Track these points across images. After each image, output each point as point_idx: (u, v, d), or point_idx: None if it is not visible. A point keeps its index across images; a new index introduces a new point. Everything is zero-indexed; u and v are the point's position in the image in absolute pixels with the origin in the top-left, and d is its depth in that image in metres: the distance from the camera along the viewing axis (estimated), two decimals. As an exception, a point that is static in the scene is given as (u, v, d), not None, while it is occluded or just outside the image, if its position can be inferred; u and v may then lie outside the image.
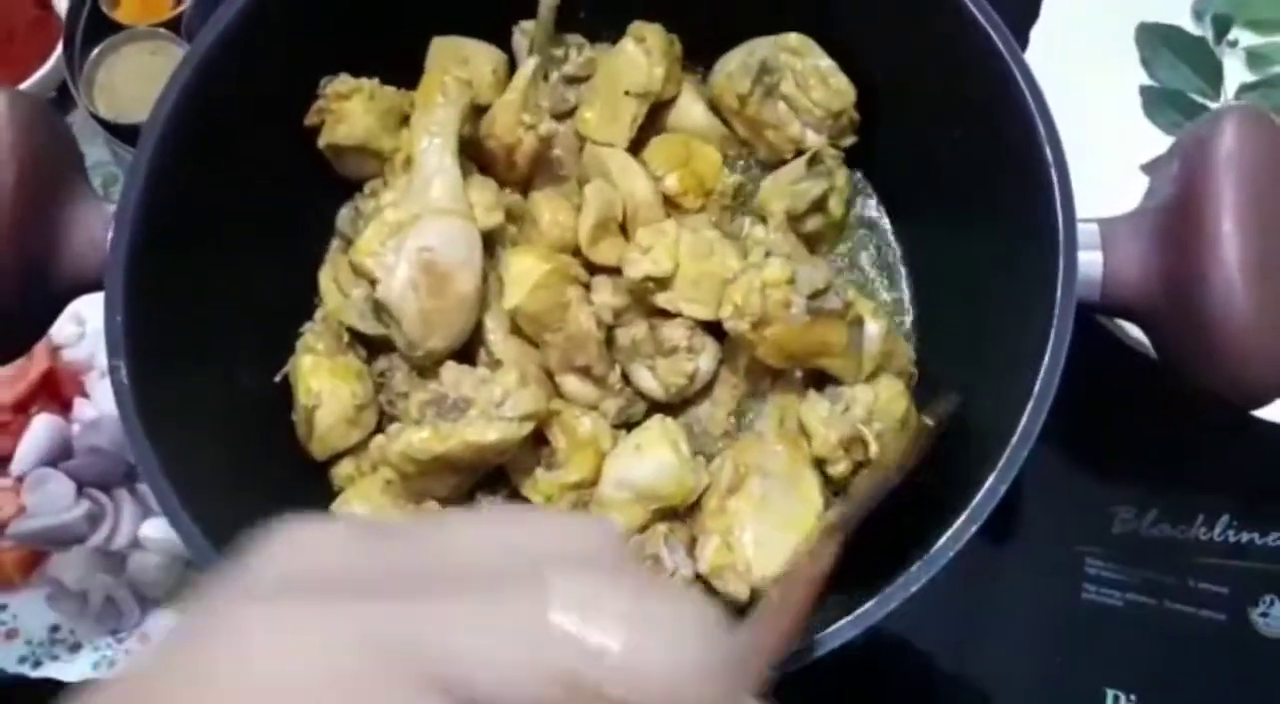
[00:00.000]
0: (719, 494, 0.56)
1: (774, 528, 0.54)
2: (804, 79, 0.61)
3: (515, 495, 0.59)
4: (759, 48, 0.62)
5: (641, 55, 0.62)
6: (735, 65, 0.63)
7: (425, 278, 0.56)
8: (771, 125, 0.63)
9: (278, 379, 0.60)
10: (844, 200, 0.64)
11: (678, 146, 0.64)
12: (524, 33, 0.66)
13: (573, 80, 0.65)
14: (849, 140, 0.63)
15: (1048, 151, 0.50)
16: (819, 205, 0.62)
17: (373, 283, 0.56)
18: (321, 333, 0.60)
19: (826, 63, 0.61)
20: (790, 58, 0.61)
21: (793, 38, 0.61)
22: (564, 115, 0.65)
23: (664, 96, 0.64)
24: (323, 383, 0.58)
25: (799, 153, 0.62)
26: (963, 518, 0.46)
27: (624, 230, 0.62)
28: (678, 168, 0.62)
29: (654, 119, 0.65)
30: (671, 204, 0.62)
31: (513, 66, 0.66)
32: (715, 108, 0.65)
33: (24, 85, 0.87)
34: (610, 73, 0.63)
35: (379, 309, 0.58)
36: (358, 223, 0.62)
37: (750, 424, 0.62)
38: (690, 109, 0.66)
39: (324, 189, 0.65)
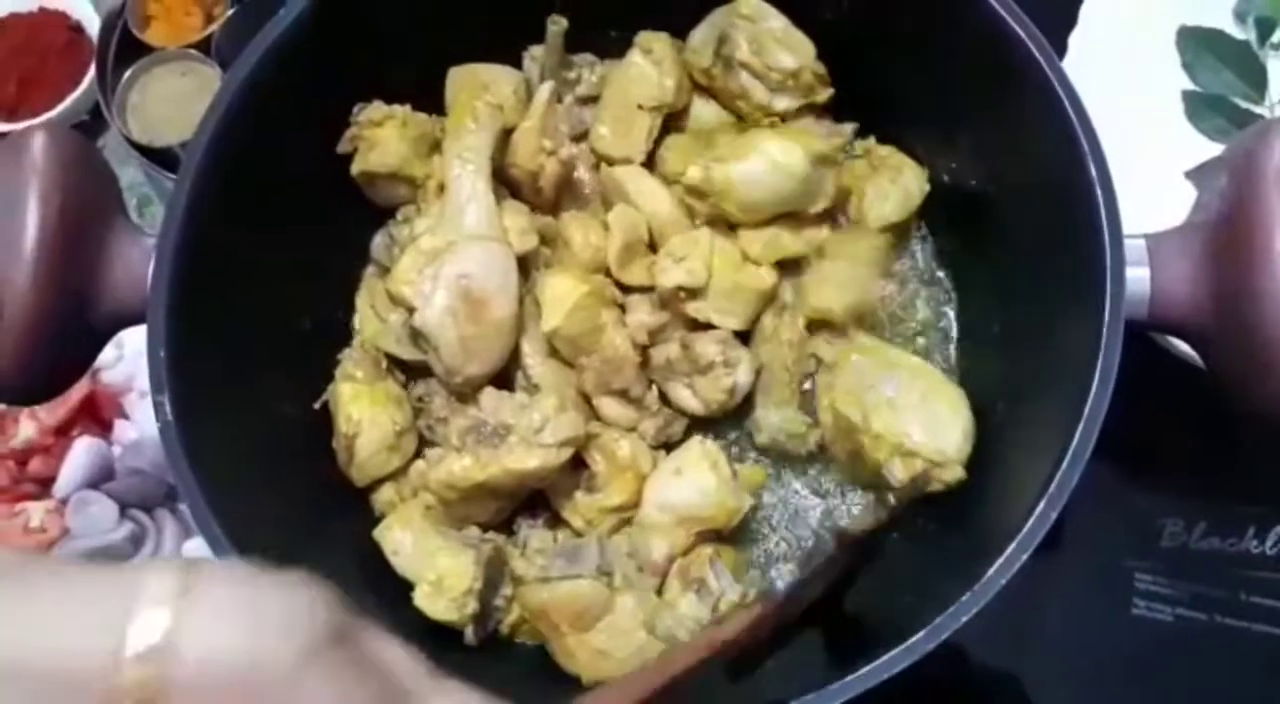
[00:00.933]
0: None
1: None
2: (757, 43, 0.60)
3: (556, 519, 0.59)
4: (717, 18, 0.62)
5: (651, 67, 0.62)
6: (698, 40, 0.63)
7: (463, 304, 0.56)
8: (739, 95, 0.62)
9: (317, 406, 0.60)
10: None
11: (691, 141, 0.64)
12: (534, 59, 0.66)
13: (588, 101, 0.65)
14: (823, 96, 0.62)
15: (1092, 167, 0.49)
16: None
17: (410, 311, 0.56)
18: (360, 360, 0.60)
19: (779, 23, 0.60)
20: (744, 23, 0.61)
21: (744, 3, 0.61)
22: (582, 136, 0.65)
23: (676, 106, 0.64)
24: (363, 411, 0.58)
25: (778, 120, 0.62)
26: (1014, 545, 0.45)
27: (652, 249, 0.62)
28: (695, 159, 0.61)
29: (667, 126, 0.65)
30: (696, 195, 0.60)
31: (530, 88, 0.66)
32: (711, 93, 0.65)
33: (57, 108, 0.88)
34: (621, 87, 0.63)
35: (416, 335, 0.58)
36: (392, 250, 0.62)
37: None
38: (702, 111, 0.65)
39: (359, 217, 0.65)
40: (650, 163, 0.64)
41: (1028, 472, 0.48)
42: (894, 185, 0.62)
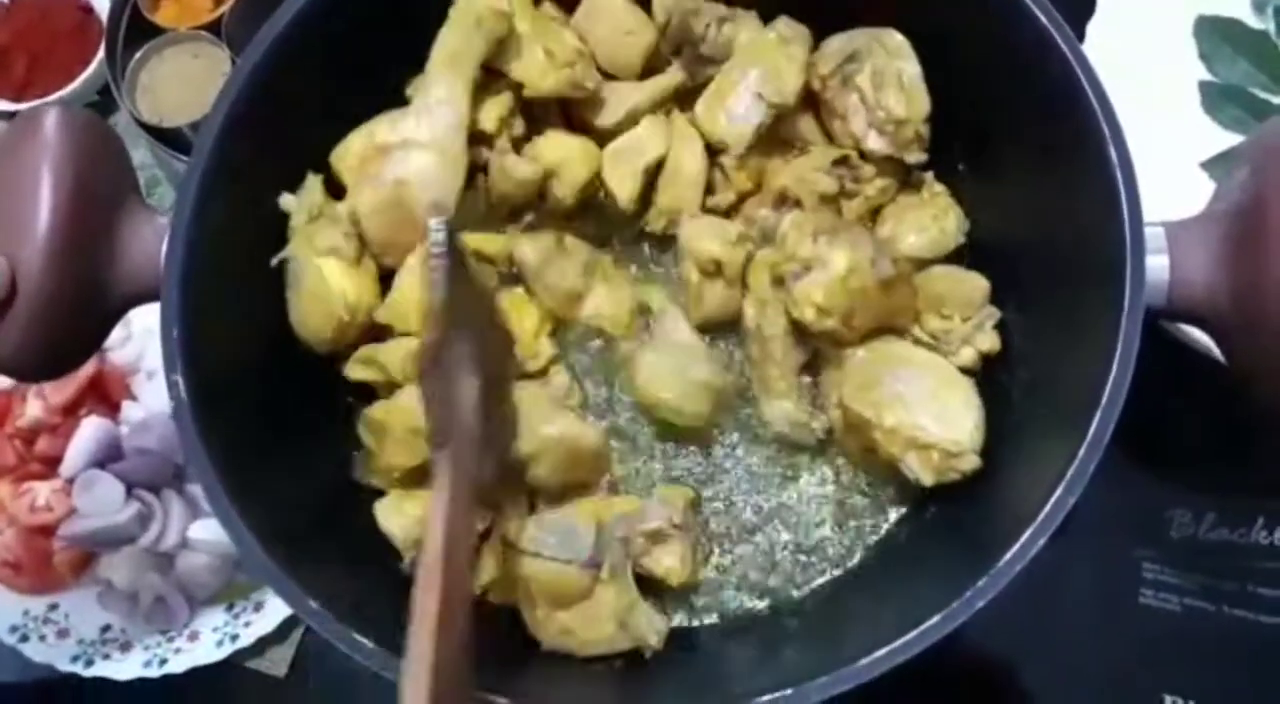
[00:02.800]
0: None
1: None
2: (881, 77, 0.58)
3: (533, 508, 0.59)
4: (859, 37, 0.60)
5: (785, 61, 0.60)
6: (833, 47, 0.61)
7: (392, 210, 0.55)
8: (839, 115, 0.61)
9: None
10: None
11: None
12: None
13: (705, 61, 0.62)
14: (914, 156, 0.60)
15: (1113, 154, 0.49)
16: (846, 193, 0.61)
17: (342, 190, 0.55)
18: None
19: (913, 70, 0.58)
20: (880, 53, 0.59)
21: (895, 37, 0.59)
22: (692, 91, 0.62)
23: (789, 108, 0.61)
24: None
25: (861, 154, 0.61)
26: (1031, 530, 0.45)
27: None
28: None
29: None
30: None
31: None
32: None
33: (67, 89, 0.88)
34: (740, 71, 0.61)
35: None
36: None
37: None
38: (801, 124, 0.64)
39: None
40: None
41: (1045, 458, 0.48)
42: (934, 224, 0.61)
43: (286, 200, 0.57)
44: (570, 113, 0.64)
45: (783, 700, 0.44)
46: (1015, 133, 0.55)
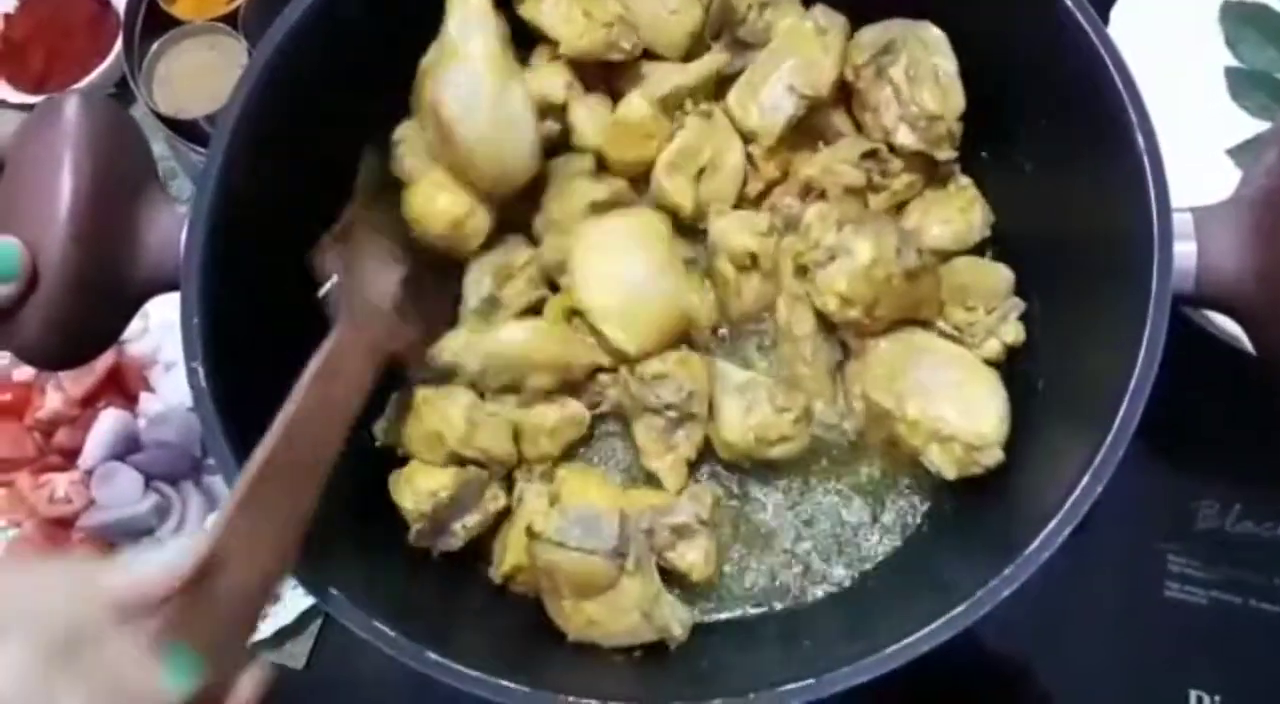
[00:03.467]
0: None
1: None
2: (916, 71, 0.57)
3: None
4: (895, 27, 0.59)
5: (820, 52, 0.59)
6: (868, 37, 0.60)
7: (436, 128, 0.56)
8: (871, 107, 0.60)
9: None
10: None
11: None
12: None
13: (742, 43, 0.61)
14: (944, 153, 0.58)
15: (1140, 140, 0.48)
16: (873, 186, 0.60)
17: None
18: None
19: (949, 66, 0.57)
20: (917, 46, 0.58)
21: (933, 30, 0.58)
22: (724, 79, 0.62)
23: (823, 101, 0.60)
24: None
25: (890, 147, 0.59)
26: (1056, 520, 0.45)
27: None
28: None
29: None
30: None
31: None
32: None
33: (84, 81, 0.88)
34: (774, 61, 0.60)
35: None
36: None
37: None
38: (833, 117, 0.63)
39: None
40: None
41: (1070, 447, 0.48)
42: (961, 216, 0.60)
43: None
44: (613, 89, 0.63)
45: (806, 690, 0.44)
46: (1039, 120, 0.55)
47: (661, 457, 0.58)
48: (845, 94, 0.61)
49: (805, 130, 0.62)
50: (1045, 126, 0.55)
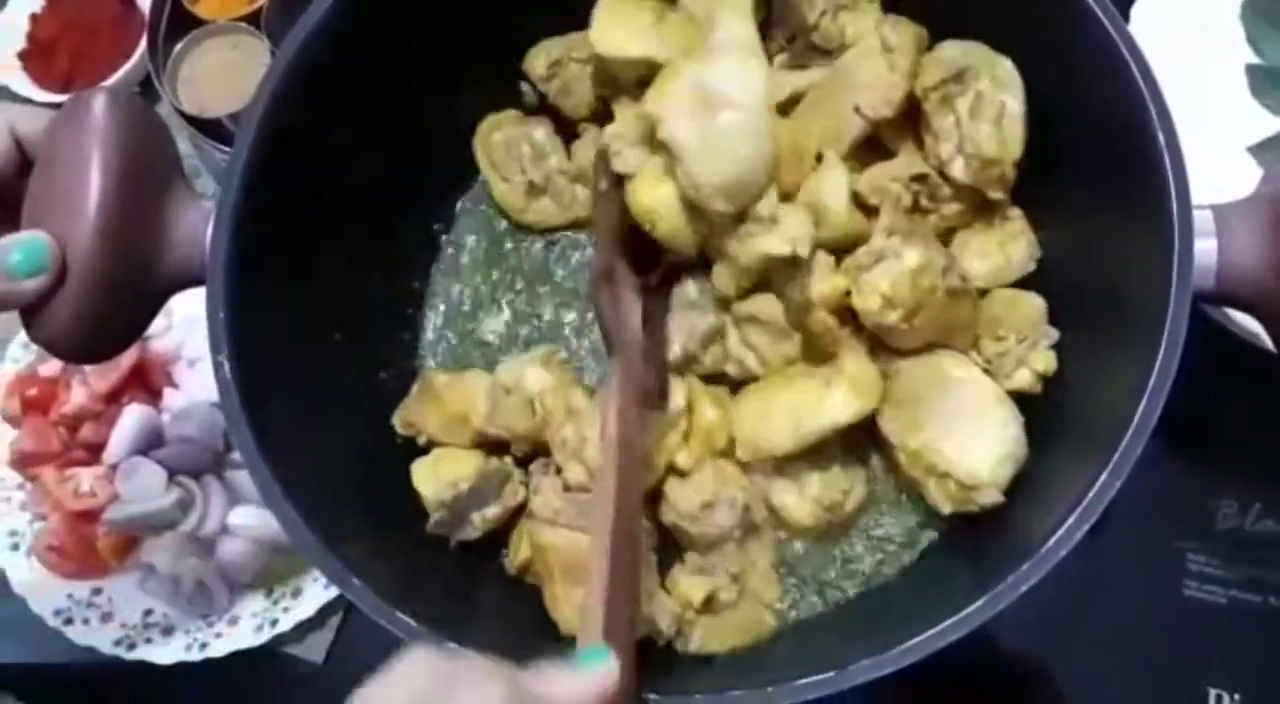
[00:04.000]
0: None
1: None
2: (980, 107, 0.55)
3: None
4: (975, 53, 0.56)
5: (886, 70, 0.57)
6: (945, 55, 0.57)
7: (702, 108, 0.51)
8: (933, 131, 0.57)
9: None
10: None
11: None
12: None
13: (815, 48, 0.60)
14: (995, 194, 0.56)
15: (1160, 136, 0.48)
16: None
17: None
18: None
19: (1015, 107, 0.55)
20: (987, 79, 0.55)
21: (1006, 65, 0.55)
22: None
23: (887, 120, 0.58)
24: None
25: (941, 174, 0.57)
26: (1074, 517, 0.45)
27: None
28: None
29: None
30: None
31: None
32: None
33: (109, 81, 0.89)
34: (841, 78, 0.58)
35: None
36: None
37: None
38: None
39: (421, 180, 0.65)
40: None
41: (1089, 444, 0.48)
42: (999, 251, 0.58)
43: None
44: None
45: (824, 683, 0.44)
46: (1057, 119, 0.55)
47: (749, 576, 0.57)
48: (912, 107, 0.58)
49: (865, 143, 0.60)
50: (1063, 126, 0.54)
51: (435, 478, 0.56)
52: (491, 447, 0.58)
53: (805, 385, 0.55)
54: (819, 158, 0.58)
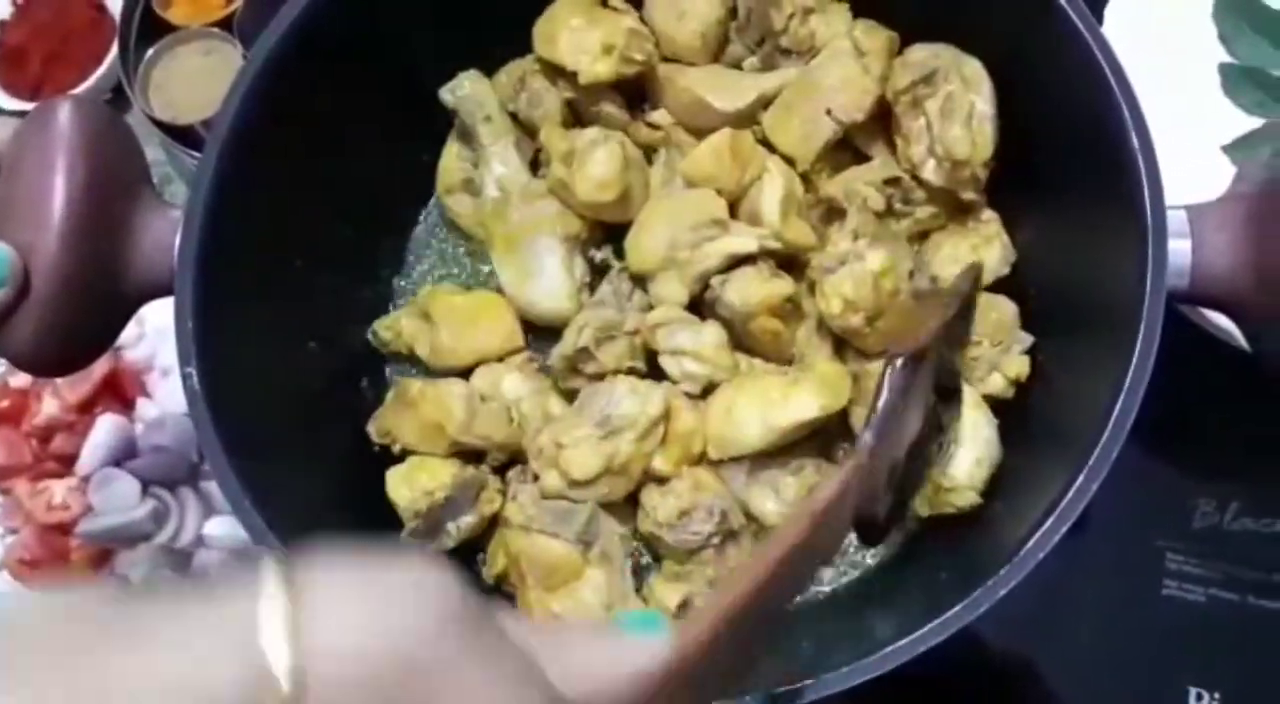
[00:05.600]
0: None
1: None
2: (951, 108, 0.55)
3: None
4: (945, 55, 0.57)
5: (859, 73, 0.57)
6: (915, 58, 0.57)
7: None
8: (904, 134, 0.57)
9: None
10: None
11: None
12: None
13: (785, 51, 0.60)
14: (968, 195, 0.57)
15: (1133, 136, 0.48)
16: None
17: None
18: None
19: (984, 107, 0.55)
20: (956, 80, 0.55)
21: (974, 65, 0.56)
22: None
23: (858, 125, 0.58)
24: None
25: (914, 177, 0.58)
26: (1052, 518, 0.45)
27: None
28: None
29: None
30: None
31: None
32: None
33: (81, 87, 0.88)
34: (812, 79, 0.58)
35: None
36: None
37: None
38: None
39: (394, 187, 0.65)
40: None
41: (1066, 446, 0.48)
42: (973, 254, 0.58)
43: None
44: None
45: (805, 690, 0.44)
46: (1028, 121, 0.55)
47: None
48: (883, 112, 0.59)
49: (836, 147, 0.60)
50: (1037, 127, 0.54)
51: (410, 487, 0.56)
52: (467, 455, 0.58)
53: (773, 382, 0.55)
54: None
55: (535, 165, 0.64)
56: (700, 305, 0.58)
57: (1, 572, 0.79)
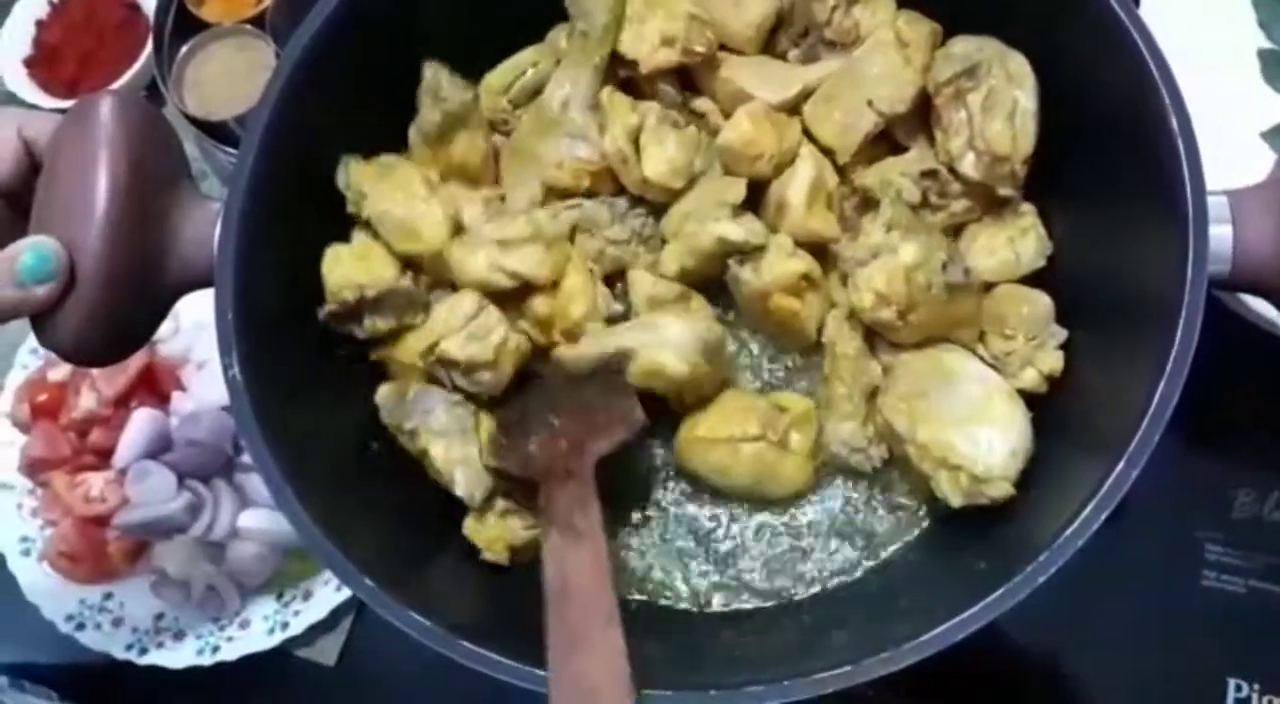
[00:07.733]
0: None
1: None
2: (992, 103, 0.54)
3: None
4: (989, 48, 0.56)
5: (902, 64, 0.57)
6: (957, 50, 0.56)
7: None
8: (944, 127, 0.56)
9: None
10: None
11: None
12: None
13: (829, 44, 0.59)
14: (1005, 190, 0.56)
15: (1173, 119, 0.48)
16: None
17: None
18: None
19: (1027, 103, 0.54)
20: (1000, 74, 0.54)
21: (1018, 60, 0.55)
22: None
23: (901, 117, 0.57)
24: None
25: (951, 170, 0.57)
26: (1091, 506, 0.44)
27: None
28: None
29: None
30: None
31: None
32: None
33: (115, 85, 0.89)
34: (855, 72, 0.57)
35: None
36: None
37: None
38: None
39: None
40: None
41: (1105, 432, 0.47)
42: (1008, 247, 0.57)
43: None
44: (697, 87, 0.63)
45: (841, 677, 0.44)
46: (1070, 109, 0.54)
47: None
48: (923, 103, 0.58)
49: (878, 138, 0.60)
50: (1076, 116, 0.54)
51: (348, 270, 0.55)
52: (411, 265, 0.57)
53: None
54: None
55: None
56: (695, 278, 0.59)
57: (41, 563, 0.80)
